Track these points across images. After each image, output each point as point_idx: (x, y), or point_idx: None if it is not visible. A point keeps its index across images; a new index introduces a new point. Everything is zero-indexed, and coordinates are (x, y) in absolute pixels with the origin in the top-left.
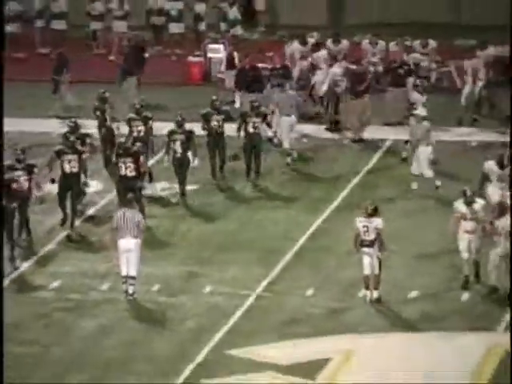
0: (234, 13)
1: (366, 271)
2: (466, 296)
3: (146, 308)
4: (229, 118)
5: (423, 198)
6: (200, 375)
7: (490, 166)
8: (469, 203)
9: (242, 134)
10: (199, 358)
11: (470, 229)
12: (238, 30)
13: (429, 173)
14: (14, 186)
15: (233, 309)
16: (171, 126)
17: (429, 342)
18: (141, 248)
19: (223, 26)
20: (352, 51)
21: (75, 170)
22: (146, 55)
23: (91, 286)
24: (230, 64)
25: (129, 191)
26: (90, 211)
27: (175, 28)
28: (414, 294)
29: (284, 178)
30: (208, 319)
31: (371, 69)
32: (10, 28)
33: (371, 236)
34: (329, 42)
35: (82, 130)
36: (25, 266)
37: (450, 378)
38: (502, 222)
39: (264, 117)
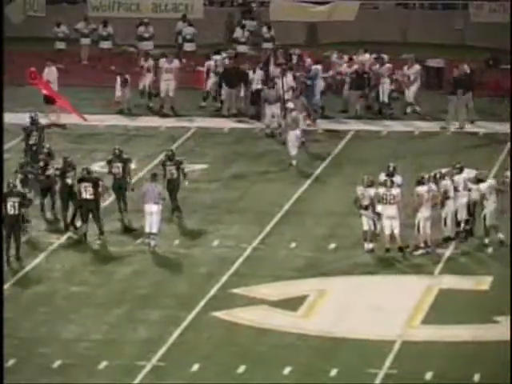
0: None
1: (364, 228)
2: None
3: (169, 257)
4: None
5: None
6: (210, 307)
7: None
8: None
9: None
10: (209, 295)
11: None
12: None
13: None
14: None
15: (235, 258)
16: None
17: (380, 282)
18: (161, 211)
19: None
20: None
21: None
22: None
23: (127, 241)
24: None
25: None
26: None
27: (188, 47)
28: (370, 246)
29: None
30: (216, 266)
31: (338, 77)
32: (58, 45)
33: (366, 201)
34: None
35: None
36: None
37: (396, 310)
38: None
39: (179, 164)
